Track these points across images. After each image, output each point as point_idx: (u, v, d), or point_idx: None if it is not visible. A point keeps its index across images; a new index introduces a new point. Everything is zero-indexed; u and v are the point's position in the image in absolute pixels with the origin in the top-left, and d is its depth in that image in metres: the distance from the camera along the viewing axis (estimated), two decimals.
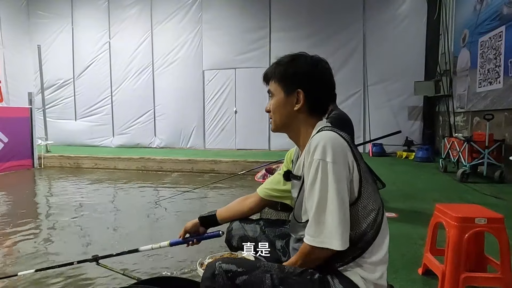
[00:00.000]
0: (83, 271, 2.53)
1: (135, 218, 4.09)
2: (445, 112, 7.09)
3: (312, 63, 1.15)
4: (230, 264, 1.02)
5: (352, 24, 8.61)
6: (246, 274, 1.00)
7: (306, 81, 1.13)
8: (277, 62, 1.19)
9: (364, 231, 1.01)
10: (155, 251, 2.78)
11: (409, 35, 8.28)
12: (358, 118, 8.52)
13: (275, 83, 1.18)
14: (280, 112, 1.17)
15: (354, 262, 1.03)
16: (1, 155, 6.92)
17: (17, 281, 2.41)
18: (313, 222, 1.00)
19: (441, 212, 1.96)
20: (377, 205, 1.04)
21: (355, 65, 8.63)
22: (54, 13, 10.51)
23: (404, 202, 3.89)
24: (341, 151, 1.00)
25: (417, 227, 3.03)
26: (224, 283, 1.00)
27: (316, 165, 0.99)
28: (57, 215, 4.16)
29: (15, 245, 3.19)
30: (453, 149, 5.48)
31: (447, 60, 7.08)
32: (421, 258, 2.18)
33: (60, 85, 10.61)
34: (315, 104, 1.15)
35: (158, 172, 7.16)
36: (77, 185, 6.02)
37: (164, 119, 9.95)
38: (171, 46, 9.75)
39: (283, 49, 9.00)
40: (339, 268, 1.04)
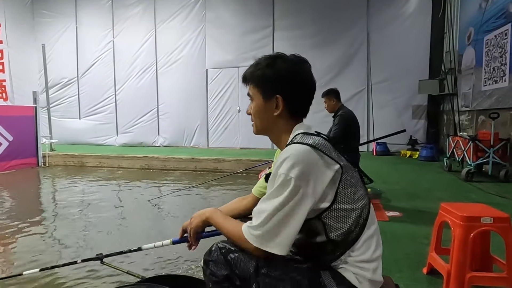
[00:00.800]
0: (87, 270, 2.54)
1: (139, 216, 4.10)
2: (450, 111, 7.04)
3: (290, 66, 1.12)
4: (225, 243, 1.15)
5: (356, 22, 8.57)
6: (237, 252, 1.10)
7: (284, 86, 1.11)
8: (254, 65, 1.17)
9: (348, 230, 1.01)
10: (159, 249, 2.80)
11: (413, 34, 8.22)
12: (362, 116, 8.47)
13: (253, 87, 1.17)
14: (260, 117, 1.17)
15: (341, 260, 1.03)
16: (6, 154, 6.97)
17: (23, 280, 2.42)
18: (263, 227, 1.01)
19: (446, 211, 1.94)
20: (359, 204, 1.04)
21: (359, 64, 8.59)
22: (58, 12, 10.56)
23: (408, 201, 3.88)
24: (306, 167, 0.98)
25: (421, 226, 3.02)
26: (218, 257, 1.12)
27: (280, 179, 0.99)
28: (61, 213, 4.18)
29: (20, 242, 3.21)
30: (458, 148, 5.44)
31: (451, 59, 7.03)
32: (425, 258, 2.17)
33: (64, 84, 10.67)
34: (294, 108, 1.14)
35: (161, 170, 7.17)
36: (81, 183, 6.05)
37: (168, 117, 9.97)
38: (174, 45, 9.76)
39: (286, 48, 9.01)
40: (330, 263, 1.04)
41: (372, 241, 1.05)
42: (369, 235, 1.05)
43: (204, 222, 1.24)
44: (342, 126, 3.80)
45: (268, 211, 0.99)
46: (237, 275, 1.11)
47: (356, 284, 1.01)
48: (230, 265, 1.12)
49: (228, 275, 1.12)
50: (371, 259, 1.03)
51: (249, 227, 1.04)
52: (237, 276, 1.11)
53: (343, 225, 1.01)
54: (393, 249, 2.52)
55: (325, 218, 1.01)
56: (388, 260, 2.33)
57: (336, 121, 3.88)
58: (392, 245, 2.61)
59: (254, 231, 1.02)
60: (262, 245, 1.01)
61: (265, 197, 1.03)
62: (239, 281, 1.11)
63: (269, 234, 0.99)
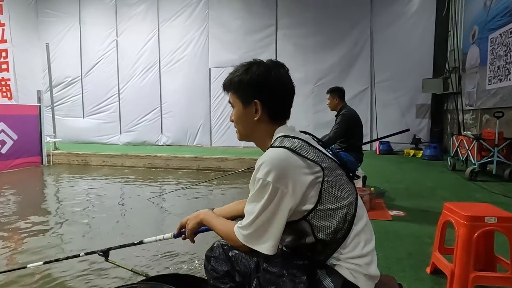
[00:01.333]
0: (90, 267, 2.55)
1: (141, 214, 4.12)
2: (454, 110, 7.01)
3: (265, 71, 1.14)
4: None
5: (359, 21, 8.54)
6: (238, 249, 1.15)
7: (261, 91, 1.13)
8: (233, 72, 1.20)
9: (335, 228, 1.03)
10: (163, 248, 2.82)
11: (417, 32, 8.18)
12: (365, 115, 8.45)
13: (232, 94, 1.19)
14: (241, 123, 1.19)
15: (334, 257, 1.05)
16: (10, 152, 7.02)
17: (27, 272, 2.45)
18: (250, 227, 1.06)
19: (450, 211, 1.94)
20: (345, 202, 1.06)
21: (362, 62, 8.57)
22: (62, 12, 10.60)
23: (412, 201, 3.86)
24: (283, 170, 1.01)
25: (425, 225, 3.01)
26: (219, 254, 1.19)
27: (259, 184, 1.02)
28: (65, 211, 4.21)
29: (25, 238, 3.24)
30: (462, 147, 5.42)
31: (456, 57, 6.99)
32: (429, 257, 2.17)
33: (68, 83, 10.71)
34: (273, 112, 1.15)
35: (165, 169, 7.19)
36: (85, 182, 6.08)
37: (171, 116, 9.99)
38: (177, 44, 9.77)
39: (289, 46, 9.03)
40: (324, 262, 1.06)
41: (361, 237, 1.07)
42: (358, 231, 1.06)
43: (199, 223, 1.32)
44: (343, 126, 3.81)
45: (254, 213, 1.04)
46: (238, 271, 1.15)
47: (351, 279, 1.03)
48: (231, 261, 1.17)
49: (228, 271, 1.17)
50: (362, 254, 1.05)
51: (239, 227, 1.10)
52: (237, 272, 1.16)
53: (330, 224, 1.03)
54: (396, 249, 2.51)
55: (312, 219, 1.03)
56: (391, 259, 2.33)
57: (338, 120, 3.89)
58: (395, 244, 2.60)
59: (243, 231, 1.08)
60: (251, 244, 1.06)
61: (249, 199, 1.08)
62: (239, 277, 1.16)
63: (256, 233, 1.05)
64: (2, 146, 6.88)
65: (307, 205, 1.03)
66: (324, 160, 1.07)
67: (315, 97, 8.72)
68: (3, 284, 2.33)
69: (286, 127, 1.17)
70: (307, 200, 1.03)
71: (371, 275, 1.06)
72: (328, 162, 1.08)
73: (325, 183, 1.03)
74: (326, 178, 1.04)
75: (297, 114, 1.28)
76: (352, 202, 1.08)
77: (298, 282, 1.04)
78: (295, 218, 1.05)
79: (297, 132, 1.16)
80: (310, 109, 8.75)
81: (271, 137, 1.15)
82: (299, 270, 1.05)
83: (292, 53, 8.81)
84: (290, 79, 1.17)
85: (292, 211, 1.03)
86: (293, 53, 8.82)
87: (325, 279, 1.03)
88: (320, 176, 1.03)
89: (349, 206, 1.06)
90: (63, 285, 2.35)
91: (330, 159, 1.10)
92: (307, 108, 8.72)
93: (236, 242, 1.10)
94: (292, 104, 1.19)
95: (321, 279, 1.03)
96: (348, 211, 1.05)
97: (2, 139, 6.89)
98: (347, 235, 1.04)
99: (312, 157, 1.05)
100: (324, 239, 1.03)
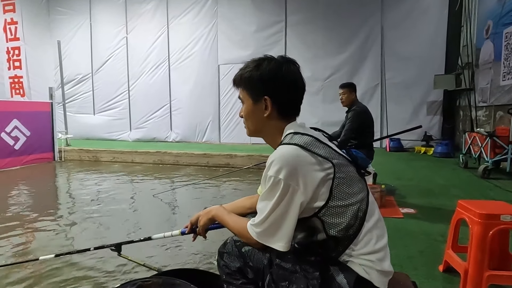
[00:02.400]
0: (103, 261, 2.59)
1: (150, 209, 4.15)
2: (466, 106, 6.89)
3: (276, 67, 1.13)
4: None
5: (370, 17, 8.43)
6: (251, 246, 1.16)
7: (272, 87, 1.12)
8: (243, 68, 1.19)
9: (347, 225, 1.03)
10: (176, 243, 2.84)
11: (429, 27, 8.04)
12: (376, 112, 8.36)
13: (242, 90, 1.19)
14: (251, 119, 1.19)
15: (346, 254, 1.04)
16: (24, 148, 7.14)
17: (39, 265, 2.50)
18: (263, 224, 1.06)
19: (464, 209, 1.91)
20: (356, 198, 1.05)
21: (373, 59, 8.47)
22: (73, 9, 10.71)
23: (423, 198, 3.82)
24: (293, 167, 1.01)
25: (437, 223, 2.97)
26: (232, 250, 1.21)
27: (270, 181, 1.02)
28: (77, 206, 4.27)
29: (37, 232, 3.30)
30: (475, 144, 5.32)
31: (469, 53, 6.85)
32: (441, 255, 2.14)
33: (79, 80, 10.84)
34: (283, 108, 1.15)
35: (174, 165, 7.24)
36: (96, 177, 6.16)
37: (180, 113, 10.04)
38: (186, 40, 9.80)
39: (298, 43, 8.97)
40: (336, 259, 1.06)
41: (373, 233, 1.06)
42: (369, 227, 1.06)
43: (211, 219, 1.32)
44: (356, 122, 3.77)
45: (266, 211, 1.04)
46: (251, 267, 1.16)
47: (364, 275, 1.02)
48: (244, 257, 1.18)
49: (240, 268, 1.18)
50: (375, 250, 1.04)
51: (252, 225, 1.10)
52: (250, 268, 1.16)
53: (342, 221, 1.03)
54: (407, 246, 2.49)
55: (323, 216, 1.03)
56: (402, 257, 2.30)
57: (349, 116, 3.84)
58: (407, 242, 2.58)
59: (256, 228, 1.08)
60: (264, 241, 1.07)
61: (262, 196, 1.07)
62: (252, 273, 1.16)
63: (269, 230, 1.05)
64: (15, 142, 7.00)
65: (318, 202, 1.02)
66: (334, 157, 1.06)
67: (324, 94, 8.66)
68: (16, 275, 2.38)
69: (296, 123, 1.16)
70: (318, 197, 1.02)
71: (385, 271, 1.05)
72: (339, 159, 1.07)
73: (336, 180, 1.03)
74: (337, 174, 1.03)
75: (305, 111, 1.27)
76: (363, 199, 1.07)
77: (311, 278, 1.04)
78: (306, 215, 1.04)
79: (307, 128, 1.15)
80: (319, 107, 8.70)
81: (281, 133, 1.14)
82: (312, 266, 1.05)
83: (301, 49, 8.75)
84: (301, 76, 1.16)
85: (303, 208, 1.03)
86: (302, 49, 8.76)
87: (338, 275, 1.03)
88: (331, 172, 1.03)
89: (360, 203, 1.05)
90: (75, 277, 2.39)
91: (341, 156, 1.10)
92: (316, 105, 8.67)
93: (250, 239, 1.11)
94: (302, 101, 1.18)
95: (334, 276, 1.03)
96: (360, 208, 1.05)
97: (16, 136, 7.01)
98: (359, 232, 1.04)
99: (323, 153, 1.04)
100: (335, 236, 1.03)
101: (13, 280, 2.34)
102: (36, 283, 2.31)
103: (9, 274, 2.40)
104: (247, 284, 1.18)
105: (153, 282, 1.27)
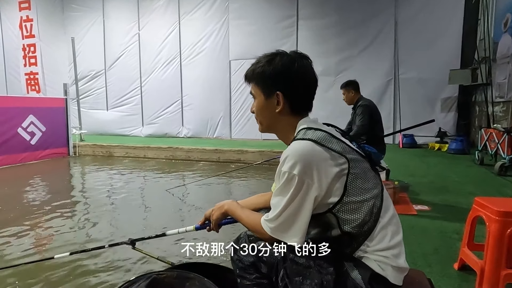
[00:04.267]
0: (117, 255, 2.63)
1: (163, 204, 4.20)
2: (483, 102, 6.73)
3: (289, 63, 1.12)
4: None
5: (383, 10, 8.28)
6: (265, 241, 1.14)
7: (284, 83, 1.12)
8: (255, 63, 1.18)
9: (362, 221, 1.02)
10: (189, 237, 2.86)
11: (444, 21, 7.85)
12: (388, 108, 8.26)
13: (254, 85, 1.18)
14: (263, 115, 1.18)
15: (361, 250, 1.04)
16: (39, 143, 7.30)
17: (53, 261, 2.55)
18: (277, 220, 1.05)
19: (481, 206, 1.87)
20: (371, 194, 1.04)
21: (386, 53, 8.32)
22: (87, 6, 10.83)
23: (437, 195, 3.76)
24: (308, 162, 1.00)
25: (451, 221, 2.93)
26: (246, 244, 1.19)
27: (284, 177, 1.02)
28: (91, 200, 4.35)
29: (52, 227, 3.37)
30: (491, 140, 5.21)
31: (486, 47, 6.68)
32: (456, 253, 2.11)
33: (93, 76, 10.98)
34: (296, 104, 1.14)
35: (186, 161, 7.30)
36: (109, 172, 6.26)
37: (191, 109, 10.09)
38: (198, 36, 9.81)
39: (310, 37, 8.89)
40: (351, 255, 1.05)
41: (388, 229, 1.05)
42: (384, 223, 1.05)
43: (224, 214, 1.32)
44: (366, 115, 3.71)
45: (280, 206, 1.03)
46: (264, 261, 1.16)
47: (379, 271, 1.02)
48: (258, 252, 1.17)
49: (254, 262, 1.17)
50: (390, 246, 1.03)
51: (266, 220, 1.09)
52: (263, 263, 1.16)
53: (357, 217, 1.02)
54: (421, 244, 2.46)
55: (338, 212, 1.03)
56: (416, 254, 2.28)
57: (358, 111, 3.79)
58: (421, 239, 2.55)
59: (269, 224, 1.07)
60: (278, 236, 1.06)
61: (276, 192, 1.07)
62: (265, 267, 1.16)
63: (283, 226, 1.04)
64: (31, 137, 7.15)
65: (332, 197, 1.02)
66: (349, 152, 1.05)
67: (336, 90, 8.53)
68: (31, 273, 2.42)
69: (309, 119, 1.16)
70: (333, 193, 1.02)
71: (400, 267, 1.04)
72: (353, 154, 1.06)
73: (350, 175, 1.02)
74: (352, 170, 1.02)
75: (317, 107, 1.25)
76: (378, 194, 1.06)
77: (325, 274, 1.03)
78: (320, 211, 1.04)
79: (320, 124, 1.14)
80: (331, 102, 8.60)
81: (294, 129, 1.14)
82: (326, 261, 1.05)
83: (313, 44, 8.67)
84: (313, 71, 1.15)
85: (317, 203, 1.02)
86: (314, 44, 8.67)
87: (353, 271, 1.02)
88: (345, 168, 1.02)
89: (375, 198, 1.04)
90: (89, 270, 2.43)
91: (355, 151, 1.09)
92: (328, 100, 8.58)
93: (263, 235, 1.10)
94: (314, 96, 1.17)
95: (349, 271, 1.03)
96: (375, 203, 1.04)
97: (32, 131, 7.16)
98: (374, 228, 1.03)
99: (337, 148, 1.03)
100: (350, 232, 1.02)
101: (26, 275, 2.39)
102: (49, 280, 2.36)
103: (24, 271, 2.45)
104: (261, 278, 1.18)
105: (168, 275, 1.28)
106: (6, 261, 2.59)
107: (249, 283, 1.19)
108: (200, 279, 1.24)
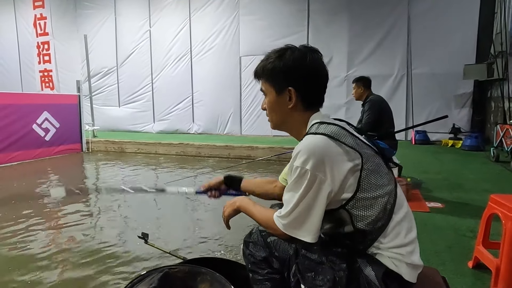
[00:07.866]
0: (129, 249, 2.67)
1: (174, 198, 4.23)
2: (499, 97, 6.57)
3: (300, 57, 1.09)
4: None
5: (396, 4, 8.14)
6: (278, 237, 1.15)
7: (295, 78, 1.09)
8: (265, 59, 1.15)
9: (375, 218, 1.00)
10: (202, 232, 2.88)
11: (459, 14, 7.67)
12: (401, 104, 8.13)
13: (265, 82, 1.16)
14: (275, 112, 1.16)
15: (374, 246, 1.03)
16: (53, 139, 7.43)
17: (63, 253, 2.60)
18: (290, 216, 1.04)
19: (497, 203, 1.83)
20: (384, 190, 1.02)
21: (399, 48, 8.18)
22: (99, 4, 10.94)
23: (451, 192, 3.70)
24: (320, 157, 0.98)
25: (465, 218, 2.88)
26: (258, 239, 1.21)
27: (297, 172, 1.00)
28: (104, 195, 4.41)
29: (66, 221, 3.44)
30: (507, 137, 5.09)
31: (503, 40, 6.50)
32: (470, 251, 2.08)
33: (105, 73, 11.11)
34: (308, 99, 1.12)
35: (196, 157, 7.34)
36: (122, 168, 6.35)
37: (202, 105, 10.13)
38: (208, 33, 9.82)
39: (322, 33, 8.80)
40: (364, 251, 1.04)
41: (402, 226, 1.03)
42: (398, 220, 1.03)
43: (236, 210, 1.30)
44: (374, 112, 3.69)
45: (293, 202, 1.02)
46: (276, 257, 1.16)
47: (393, 268, 1.00)
48: (270, 247, 1.18)
49: (266, 257, 1.18)
50: (404, 243, 1.02)
51: (278, 216, 1.07)
52: (275, 258, 1.16)
53: (370, 213, 1.00)
54: (434, 241, 2.42)
55: (351, 208, 1.01)
56: (429, 252, 2.25)
57: (366, 107, 3.78)
58: (434, 237, 2.51)
59: (282, 220, 1.06)
60: (291, 232, 1.05)
61: (288, 187, 1.05)
62: (277, 263, 1.16)
63: (296, 222, 1.03)
64: (46, 134, 7.29)
65: (345, 193, 1.00)
66: (362, 147, 1.04)
67: (348, 85, 8.47)
68: (41, 263, 2.48)
69: (321, 114, 1.14)
70: (346, 189, 1.00)
71: (414, 264, 1.03)
72: (367, 149, 1.05)
73: (364, 171, 1.00)
74: (365, 165, 1.01)
75: (328, 103, 1.24)
76: (391, 191, 1.04)
77: (338, 270, 1.02)
78: (333, 207, 1.03)
79: (331, 119, 1.13)
80: (343, 98, 8.55)
81: (306, 125, 1.12)
82: (338, 257, 1.04)
83: (324, 39, 8.58)
84: (324, 65, 1.13)
85: (330, 199, 1.01)
86: (325, 39, 8.58)
87: (366, 268, 1.01)
88: (359, 163, 1.00)
89: (389, 195, 1.03)
90: (103, 264, 2.48)
91: (368, 146, 1.07)
92: (340, 96, 8.52)
93: (276, 231, 1.09)
94: (325, 91, 1.15)
95: (362, 268, 1.01)
96: (388, 200, 1.02)
97: (46, 127, 7.30)
98: (387, 224, 1.01)
99: (351, 143, 1.02)
100: (363, 229, 1.01)
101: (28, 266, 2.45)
102: (62, 273, 2.41)
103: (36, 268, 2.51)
104: (273, 274, 1.18)
105: (180, 269, 1.29)
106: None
107: (261, 278, 1.20)
108: (211, 274, 1.25)
